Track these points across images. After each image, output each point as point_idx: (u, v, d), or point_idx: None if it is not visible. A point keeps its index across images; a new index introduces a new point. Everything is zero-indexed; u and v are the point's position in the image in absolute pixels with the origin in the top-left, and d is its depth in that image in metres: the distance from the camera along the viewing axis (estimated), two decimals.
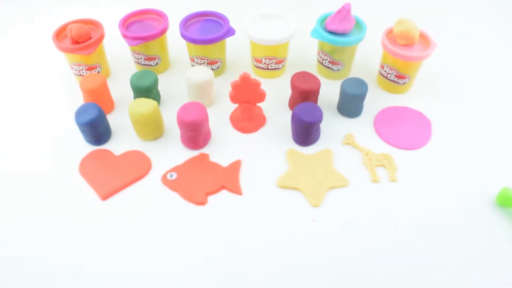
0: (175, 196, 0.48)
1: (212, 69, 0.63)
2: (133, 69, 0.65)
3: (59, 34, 0.59)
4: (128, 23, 0.62)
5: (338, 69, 0.62)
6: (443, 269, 0.42)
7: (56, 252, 0.43)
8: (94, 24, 0.61)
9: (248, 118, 0.56)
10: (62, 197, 0.48)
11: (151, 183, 0.49)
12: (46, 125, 0.57)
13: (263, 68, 0.63)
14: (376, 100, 0.60)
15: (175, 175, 0.50)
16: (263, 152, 0.53)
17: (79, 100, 0.59)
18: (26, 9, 0.81)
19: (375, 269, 0.42)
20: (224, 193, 0.49)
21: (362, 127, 0.56)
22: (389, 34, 0.59)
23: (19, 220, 0.46)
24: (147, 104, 0.51)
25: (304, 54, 0.67)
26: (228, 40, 0.62)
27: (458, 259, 0.42)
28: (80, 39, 0.57)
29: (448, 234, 0.44)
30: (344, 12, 0.56)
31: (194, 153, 0.53)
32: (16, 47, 0.72)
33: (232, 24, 0.61)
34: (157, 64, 0.63)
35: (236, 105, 0.58)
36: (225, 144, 0.54)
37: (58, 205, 0.47)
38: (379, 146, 0.53)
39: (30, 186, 0.49)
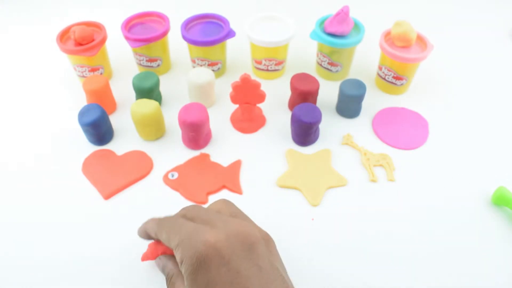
0: (176, 195, 0.49)
1: (213, 70, 0.63)
2: (135, 70, 0.66)
3: (63, 36, 0.60)
4: (131, 25, 0.63)
5: (337, 71, 0.63)
6: (439, 268, 0.42)
7: (58, 251, 0.44)
8: (97, 26, 0.61)
9: (248, 118, 0.56)
10: (65, 196, 0.48)
11: (153, 182, 0.50)
12: (49, 125, 0.57)
13: (263, 70, 0.64)
14: (374, 101, 0.60)
15: (176, 175, 0.50)
16: (263, 152, 0.53)
17: (82, 101, 0.60)
18: (31, 11, 0.82)
19: (373, 268, 0.42)
20: (224, 192, 0.49)
21: (360, 128, 0.57)
22: (387, 36, 0.60)
23: (22, 219, 0.46)
24: (149, 104, 0.51)
25: (304, 55, 0.68)
26: (229, 42, 0.63)
27: (455, 258, 0.43)
28: (83, 41, 0.57)
29: (445, 233, 0.45)
30: (342, 14, 0.57)
31: (195, 153, 0.53)
32: (21, 49, 0.72)
33: (232, 26, 0.61)
34: (158, 65, 0.64)
35: (237, 105, 0.58)
36: (226, 144, 0.55)
37: (61, 204, 0.48)
38: (377, 146, 0.54)
39: (34, 185, 0.50)
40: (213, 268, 0.27)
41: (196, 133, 0.51)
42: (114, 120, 0.57)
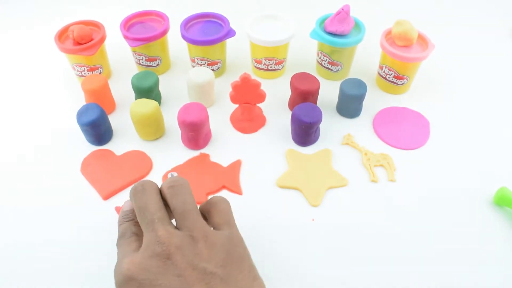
0: None
1: (213, 70, 0.63)
2: (134, 70, 0.66)
3: (61, 36, 0.59)
4: (130, 25, 0.62)
5: (337, 70, 0.63)
6: (441, 268, 0.42)
7: (57, 251, 0.43)
8: (95, 26, 0.61)
9: (248, 118, 0.56)
10: (64, 196, 0.48)
11: None
12: (48, 126, 0.57)
13: (263, 69, 0.63)
14: (375, 101, 0.60)
15: (176, 175, 0.50)
16: (263, 152, 0.53)
17: (81, 100, 0.59)
18: (29, 10, 0.82)
19: (374, 268, 0.42)
20: (224, 192, 0.49)
21: (361, 127, 0.56)
22: (388, 35, 0.59)
23: (21, 219, 0.46)
24: (148, 104, 0.51)
25: (304, 55, 0.68)
26: (228, 41, 0.63)
27: (456, 259, 0.43)
28: (82, 40, 0.57)
29: (446, 233, 0.45)
30: (343, 13, 0.56)
31: (195, 153, 0.53)
32: (19, 48, 0.72)
33: (232, 25, 0.61)
34: (158, 65, 0.64)
35: (236, 105, 0.58)
36: (225, 144, 0.54)
37: (59, 205, 0.47)
38: (378, 146, 0.54)
39: (32, 185, 0.49)
40: None
41: (195, 133, 0.51)
42: (113, 120, 0.57)
